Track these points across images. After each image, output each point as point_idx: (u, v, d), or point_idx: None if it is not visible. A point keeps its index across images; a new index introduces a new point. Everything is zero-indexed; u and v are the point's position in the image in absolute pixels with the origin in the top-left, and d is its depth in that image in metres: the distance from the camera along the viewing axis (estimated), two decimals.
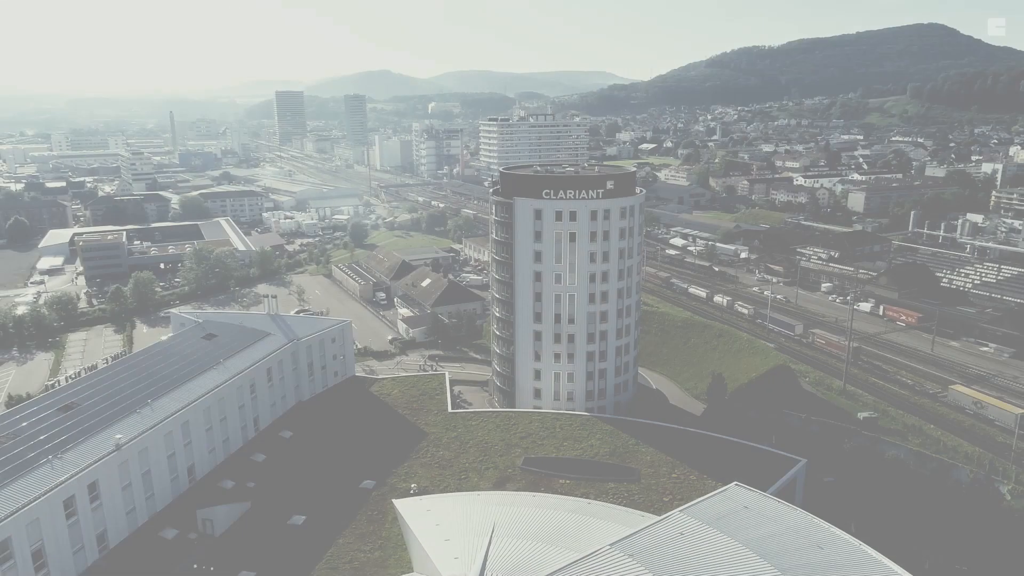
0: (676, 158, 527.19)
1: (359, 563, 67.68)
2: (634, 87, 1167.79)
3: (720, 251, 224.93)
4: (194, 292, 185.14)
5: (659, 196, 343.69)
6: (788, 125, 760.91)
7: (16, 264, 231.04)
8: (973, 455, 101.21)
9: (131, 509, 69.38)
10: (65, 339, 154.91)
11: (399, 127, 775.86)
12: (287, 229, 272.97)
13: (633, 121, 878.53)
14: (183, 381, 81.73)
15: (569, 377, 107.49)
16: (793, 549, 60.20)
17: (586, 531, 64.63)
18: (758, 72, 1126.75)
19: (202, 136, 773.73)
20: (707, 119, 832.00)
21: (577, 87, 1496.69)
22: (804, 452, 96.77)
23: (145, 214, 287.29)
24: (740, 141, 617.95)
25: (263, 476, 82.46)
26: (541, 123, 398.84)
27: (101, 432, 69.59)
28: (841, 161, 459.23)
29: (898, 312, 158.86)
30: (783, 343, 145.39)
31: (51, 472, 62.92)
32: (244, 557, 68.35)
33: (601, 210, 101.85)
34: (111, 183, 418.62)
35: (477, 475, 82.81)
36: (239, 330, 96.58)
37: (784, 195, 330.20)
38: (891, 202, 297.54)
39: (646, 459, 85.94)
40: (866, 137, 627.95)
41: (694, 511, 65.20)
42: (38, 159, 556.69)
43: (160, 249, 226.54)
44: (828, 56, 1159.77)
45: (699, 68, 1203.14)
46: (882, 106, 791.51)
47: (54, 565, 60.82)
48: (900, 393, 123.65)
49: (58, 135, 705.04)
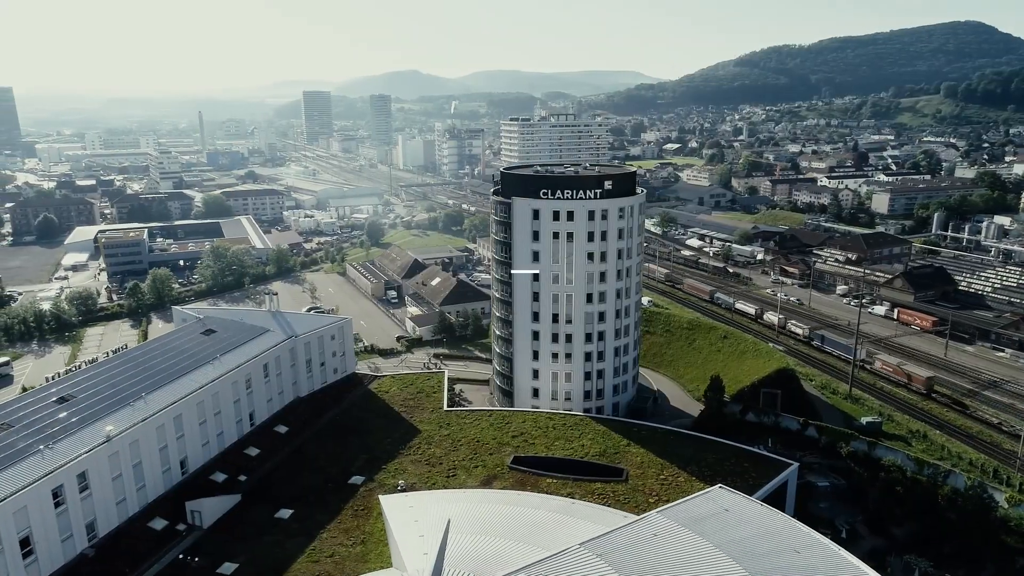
0: (701, 158, 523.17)
1: (340, 557, 68.55)
2: (661, 87, 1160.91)
3: (736, 252, 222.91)
4: (210, 289, 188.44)
5: (679, 196, 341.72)
6: (817, 125, 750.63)
7: (43, 260, 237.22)
8: (978, 462, 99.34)
9: (121, 500, 71.00)
10: (83, 333, 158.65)
11: (425, 127, 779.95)
12: (306, 227, 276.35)
13: (659, 121, 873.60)
14: (178, 375, 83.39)
15: (567, 377, 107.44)
16: (768, 552, 59.64)
17: (563, 530, 64.69)
18: (788, 71, 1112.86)
19: (231, 136, 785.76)
20: (734, 119, 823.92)
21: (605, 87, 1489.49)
22: (800, 456, 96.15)
23: (169, 212, 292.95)
24: (767, 141, 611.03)
25: (255, 470, 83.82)
26: (562, 123, 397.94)
27: (94, 424, 71.33)
28: (868, 162, 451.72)
29: (912, 316, 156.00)
30: (790, 346, 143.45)
31: (41, 462, 64.69)
32: (229, 549, 69.63)
33: (599, 210, 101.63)
34: (140, 181, 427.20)
35: (465, 473, 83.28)
36: (238, 326, 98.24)
37: (807, 196, 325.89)
38: (916, 204, 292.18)
39: (635, 460, 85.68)
40: (897, 137, 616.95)
41: (672, 512, 64.93)
42: (72, 158, 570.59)
43: (180, 246, 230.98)
44: (860, 55, 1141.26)
45: (728, 67, 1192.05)
46: (914, 106, 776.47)
47: (42, 553, 62.53)
48: (909, 398, 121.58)
49: (92, 134, 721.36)
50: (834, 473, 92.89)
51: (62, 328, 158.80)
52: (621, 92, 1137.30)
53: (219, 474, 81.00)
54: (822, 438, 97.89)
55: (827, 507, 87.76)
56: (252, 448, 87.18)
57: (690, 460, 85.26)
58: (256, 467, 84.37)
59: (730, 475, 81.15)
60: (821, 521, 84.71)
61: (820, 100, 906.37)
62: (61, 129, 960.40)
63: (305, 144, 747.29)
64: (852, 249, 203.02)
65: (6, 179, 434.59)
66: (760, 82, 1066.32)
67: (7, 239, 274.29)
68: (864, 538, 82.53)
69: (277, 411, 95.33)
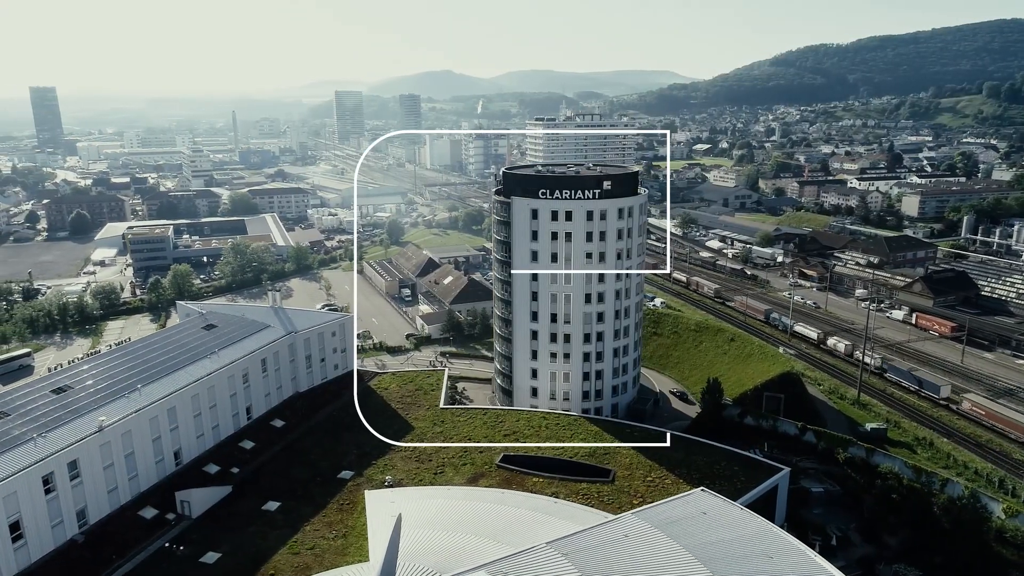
0: (730, 159, 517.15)
1: (321, 550, 69.58)
2: (694, 86, 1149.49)
3: (756, 254, 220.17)
4: (229, 285, 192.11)
5: (703, 197, 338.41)
6: (853, 126, 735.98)
7: (74, 255, 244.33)
8: (984, 471, 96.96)
9: (113, 488, 72.98)
10: (104, 326, 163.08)
11: (455, 127, 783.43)
12: (328, 225, 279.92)
13: (691, 121, 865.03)
14: (175, 369, 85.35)
15: (565, 377, 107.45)
16: (739, 557, 59.06)
17: (538, 529, 64.85)
18: (824, 71, 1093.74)
19: (264, 135, 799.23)
20: (768, 119, 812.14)
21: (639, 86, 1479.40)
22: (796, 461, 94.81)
23: (196, 209, 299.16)
24: (799, 142, 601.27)
25: (248, 463, 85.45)
26: (587, 123, 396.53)
27: (88, 414, 73.46)
28: (902, 163, 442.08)
29: (931, 321, 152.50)
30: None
31: (34, 449, 66.87)
32: (214, 539, 71.15)
33: (597, 210, 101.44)
34: (173, 179, 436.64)
35: (453, 470, 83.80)
36: (239, 322, 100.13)
37: (834, 198, 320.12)
38: (947, 206, 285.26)
39: (624, 461, 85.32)
40: (935, 139, 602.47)
41: (647, 514, 64.62)
42: (110, 156, 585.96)
43: (204, 243, 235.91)
44: (900, 54, 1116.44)
45: (763, 67, 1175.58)
46: (955, 106, 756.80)
47: (31, 537, 64.64)
48: (919, 405, 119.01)
49: (131, 133, 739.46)
50: (830, 479, 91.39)
51: (85, 321, 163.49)
52: (653, 92, 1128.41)
53: (212, 466, 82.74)
54: (820, 443, 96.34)
55: (821, 513, 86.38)
56: (247, 441, 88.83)
57: (679, 463, 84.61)
58: (250, 460, 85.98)
59: (718, 478, 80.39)
60: (813, 527, 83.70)
61: (856, 100, 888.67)
62: (103, 128, 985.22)
63: (336, 143, 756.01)
64: (874, 252, 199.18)
65: (46, 176, 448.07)
66: (796, 82, 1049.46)
67: (42, 234, 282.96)
68: (856, 545, 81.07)
69: (275, 405, 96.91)
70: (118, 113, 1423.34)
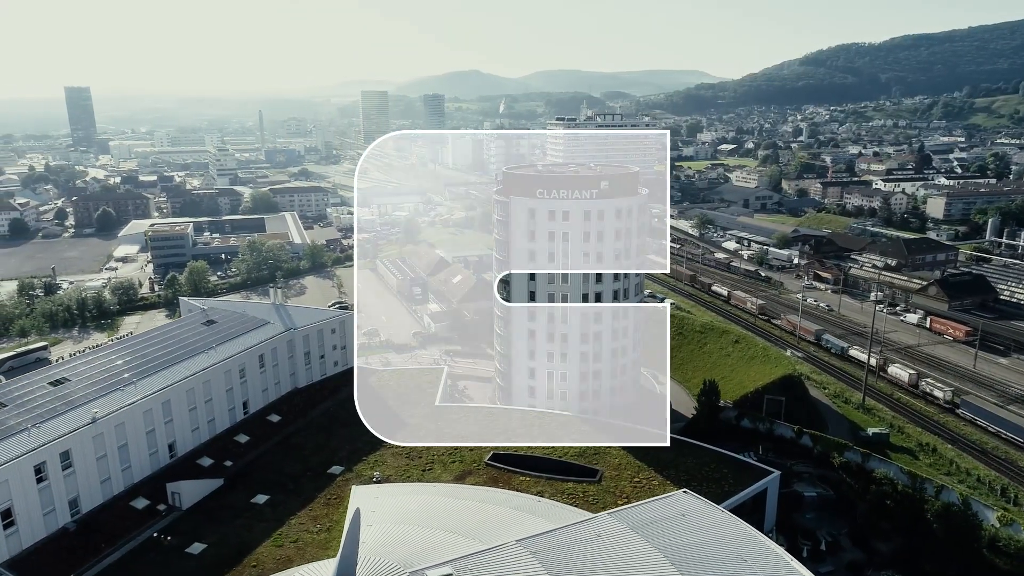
0: (755, 159, 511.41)
1: (304, 543, 70.53)
2: (722, 86, 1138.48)
3: (772, 256, 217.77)
4: (244, 282, 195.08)
5: (724, 198, 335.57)
6: (884, 126, 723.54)
7: (98, 251, 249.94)
8: (987, 479, 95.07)
9: (106, 478, 74.73)
10: (121, 321, 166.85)
11: (480, 126, 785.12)
12: (346, 224, 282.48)
13: (718, 121, 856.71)
14: (173, 363, 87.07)
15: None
16: (713, 560, 58.76)
17: (514, 527, 64.99)
18: (856, 70, 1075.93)
19: (291, 134, 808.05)
20: (796, 119, 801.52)
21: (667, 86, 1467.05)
22: (791, 465, 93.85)
23: (218, 207, 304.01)
24: (827, 143, 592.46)
25: (242, 456, 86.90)
26: (608, 123, 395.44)
27: (83, 406, 75.32)
28: (931, 164, 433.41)
29: (945, 325, 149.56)
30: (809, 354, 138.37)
31: (27, 439, 68.81)
32: (201, 530, 72.52)
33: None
34: (199, 177, 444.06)
35: (441, 467, 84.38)
36: (239, 318, 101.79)
37: (858, 199, 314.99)
38: (974, 208, 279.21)
39: (613, 462, 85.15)
40: (968, 139, 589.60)
41: (624, 515, 64.53)
42: (140, 155, 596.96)
43: (223, 240, 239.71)
44: (934, 53, 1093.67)
45: (792, 66, 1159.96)
46: (990, 106, 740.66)
47: (23, 524, 66.54)
48: (926, 410, 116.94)
49: (161, 132, 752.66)
50: (825, 483, 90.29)
51: (102, 316, 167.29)
52: (680, 92, 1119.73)
53: (206, 459, 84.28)
54: (816, 447, 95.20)
55: (813, 518, 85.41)
56: (242, 435, 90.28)
57: (669, 464, 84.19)
58: (243, 454, 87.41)
59: (706, 481, 79.92)
60: (804, 532, 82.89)
61: (888, 100, 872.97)
62: (137, 127, 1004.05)
63: (363, 143, 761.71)
64: (892, 255, 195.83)
65: (78, 174, 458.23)
66: (826, 81, 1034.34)
67: (70, 231, 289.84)
68: (846, 551, 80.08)
69: (272, 401, 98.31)
70: (152, 112, 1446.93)
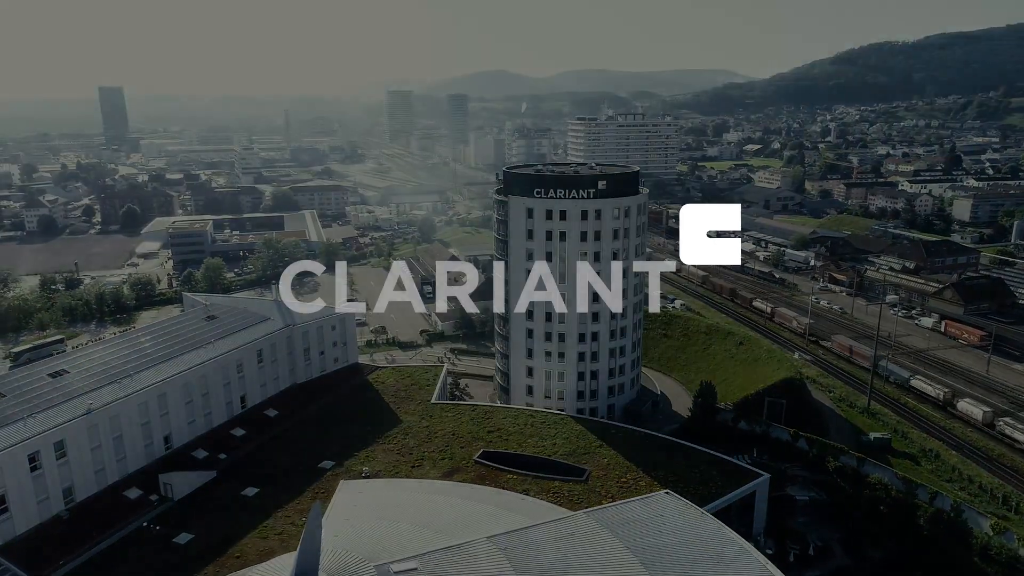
0: (781, 160, 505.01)
1: (288, 535, 71.37)
2: (750, 85, 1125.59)
3: (789, 257, 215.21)
4: (259, 279, 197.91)
5: (744, 199, 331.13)
6: (915, 126, 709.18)
7: (121, 247, 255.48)
8: (989, 486, 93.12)
9: (100, 469, 76.55)
10: (138, 316, 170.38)
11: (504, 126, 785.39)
12: (364, 222, 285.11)
13: (746, 121, 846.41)
14: (171, 357, 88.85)
15: (560, 376, 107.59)
16: (685, 561, 58.54)
17: (491, 524, 65.03)
18: (888, 69, 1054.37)
19: (317, 133, 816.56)
20: (825, 119, 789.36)
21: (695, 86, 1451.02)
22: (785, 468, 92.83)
23: (239, 205, 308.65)
24: (855, 143, 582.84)
25: (236, 449, 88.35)
26: (629, 123, 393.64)
27: (79, 397, 77.23)
28: (962, 165, 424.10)
29: (960, 329, 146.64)
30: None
31: (22, 429, 70.82)
32: (189, 521, 73.95)
33: (592, 210, 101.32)
34: (225, 176, 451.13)
35: (431, 464, 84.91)
36: (240, 313, 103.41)
37: (882, 200, 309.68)
38: (1001, 211, 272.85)
39: (603, 462, 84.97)
40: (1002, 140, 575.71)
41: (600, 514, 64.60)
42: (169, 153, 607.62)
43: (241, 238, 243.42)
44: (970, 51, 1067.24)
45: (823, 66, 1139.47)
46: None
47: (16, 511, 68.50)
48: (932, 415, 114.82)
49: (190, 132, 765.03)
50: (818, 487, 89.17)
51: (120, 311, 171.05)
52: (707, 91, 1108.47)
53: (201, 451, 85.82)
54: (812, 451, 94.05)
55: (804, 522, 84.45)
56: (239, 429, 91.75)
57: (658, 465, 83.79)
58: (238, 447, 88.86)
59: (693, 482, 79.39)
60: (794, 536, 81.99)
61: (920, 100, 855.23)
62: (169, 126, 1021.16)
63: (388, 142, 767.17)
64: (910, 257, 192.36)
65: (108, 172, 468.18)
66: (858, 81, 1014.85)
67: (96, 228, 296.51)
68: (835, 556, 79.06)
69: (271, 396, 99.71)
70: (186, 111, 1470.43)
